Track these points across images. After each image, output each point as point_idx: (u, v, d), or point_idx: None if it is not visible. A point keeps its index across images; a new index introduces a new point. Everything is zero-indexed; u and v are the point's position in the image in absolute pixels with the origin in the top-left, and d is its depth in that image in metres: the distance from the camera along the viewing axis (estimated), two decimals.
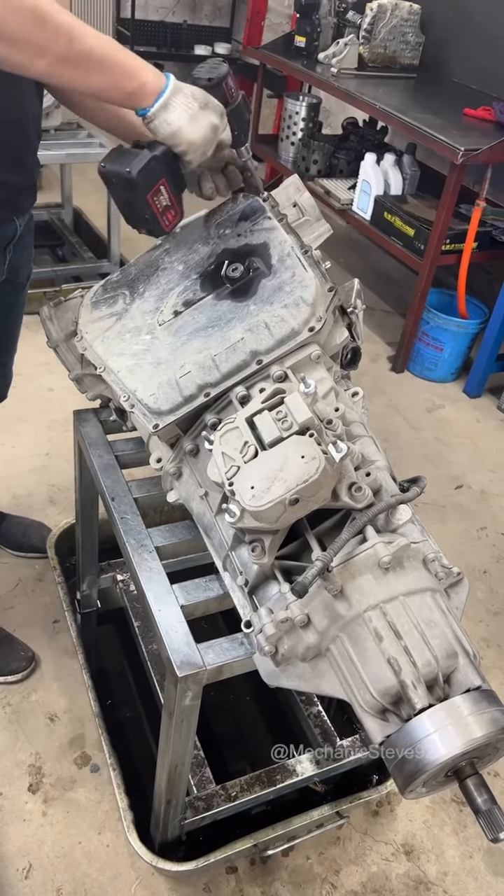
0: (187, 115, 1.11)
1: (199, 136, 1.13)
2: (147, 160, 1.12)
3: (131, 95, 1.10)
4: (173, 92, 1.10)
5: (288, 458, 0.96)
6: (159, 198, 1.15)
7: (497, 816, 0.85)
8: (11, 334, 1.71)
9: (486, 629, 2.14)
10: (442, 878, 1.56)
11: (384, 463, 1.12)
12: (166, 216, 1.17)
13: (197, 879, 1.48)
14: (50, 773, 1.61)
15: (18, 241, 1.46)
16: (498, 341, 3.10)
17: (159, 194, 1.14)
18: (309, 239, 1.40)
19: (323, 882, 1.52)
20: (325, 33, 3.87)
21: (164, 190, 1.14)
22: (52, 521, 2.16)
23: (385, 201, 3.36)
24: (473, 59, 3.65)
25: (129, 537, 1.27)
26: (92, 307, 1.36)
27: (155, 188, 1.14)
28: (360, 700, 0.92)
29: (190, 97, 1.12)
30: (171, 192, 1.16)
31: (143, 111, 1.11)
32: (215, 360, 1.14)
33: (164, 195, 1.15)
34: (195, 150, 1.14)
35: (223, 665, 1.09)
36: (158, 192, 1.14)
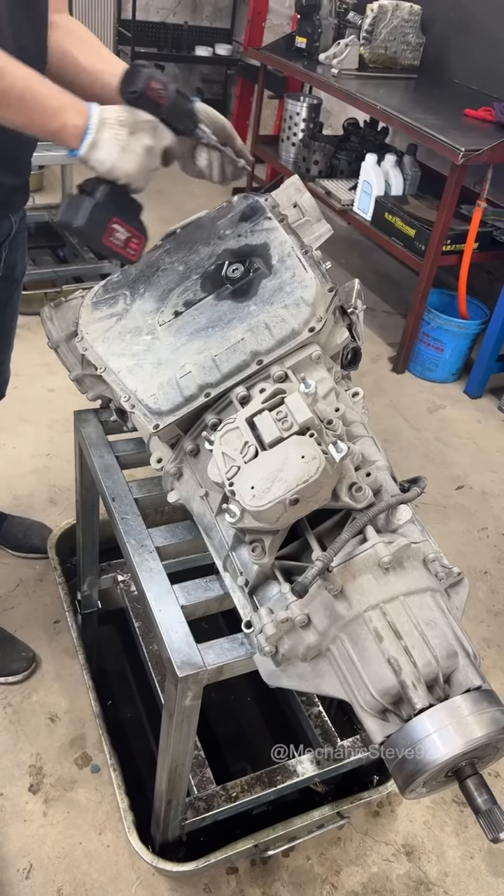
0: (118, 149, 1.09)
1: (135, 166, 1.12)
2: (90, 210, 1.11)
3: (55, 135, 1.10)
4: (98, 128, 1.08)
5: (288, 458, 0.96)
6: (115, 235, 1.14)
7: (497, 816, 0.85)
8: (8, 331, 1.72)
9: (486, 629, 2.14)
10: (443, 878, 1.55)
11: (384, 463, 1.12)
12: (129, 247, 1.16)
13: (197, 880, 1.48)
14: (50, 773, 1.61)
15: (14, 237, 1.47)
16: (499, 342, 3.10)
17: (115, 233, 1.13)
18: (309, 239, 1.40)
19: (323, 882, 1.52)
20: (325, 34, 3.87)
21: (118, 227, 1.13)
22: (52, 521, 2.16)
23: (386, 202, 3.36)
24: (474, 60, 3.65)
25: (129, 538, 1.27)
26: (92, 308, 1.36)
27: (108, 230, 1.13)
28: (360, 700, 0.92)
29: (117, 126, 1.09)
30: (127, 225, 1.15)
31: (73, 153, 1.11)
32: (216, 361, 1.14)
33: (119, 231, 1.14)
34: (136, 179, 1.13)
35: (223, 665, 1.09)
36: (113, 232, 1.13)
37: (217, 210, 1.41)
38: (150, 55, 5.63)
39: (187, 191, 4.96)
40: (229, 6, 5.97)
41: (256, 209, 1.33)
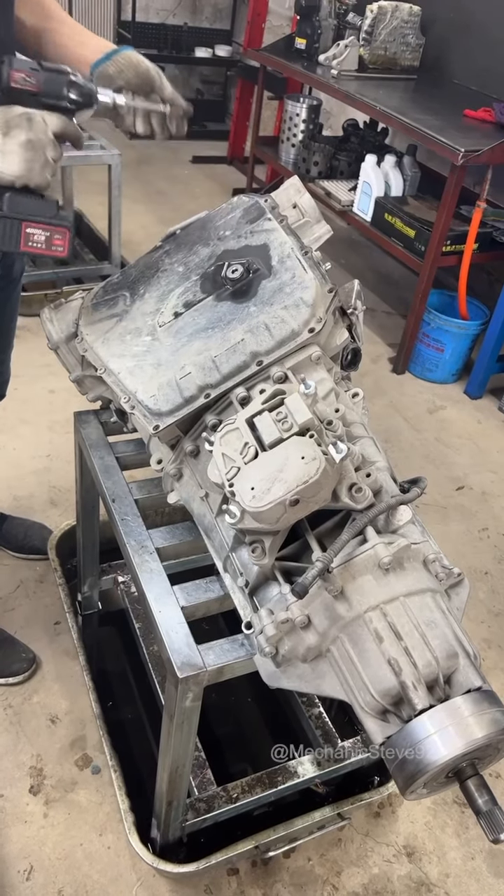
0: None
1: (20, 166, 1.04)
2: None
3: None
4: None
5: (288, 458, 0.96)
6: (34, 239, 1.08)
7: (498, 817, 0.85)
8: (7, 331, 1.72)
9: (487, 630, 2.14)
10: (444, 879, 1.55)
11: (384, 464, 1.12)
12: (53, 244, 1.10)
13: (198, 881, 1.48)
14: (51, 774, 1.61)
15: None
16: (499, 342, 3.10)
17: (32, 237, 1.08)
18: (309, 240, 1.40)
19: (324, 884, 1.52)
20: (325, 35, 3.88)
21: (33, 230, 1.08)
22: (53, 522, 2.16)
23: (386, 202, 3.36)
24: (474, 61, 3.65)
25: (129, 539, 1.27)
26: (92, 309, 1.36)
27: (23, 238, 1.08)
28: (360, 701, 0.92)
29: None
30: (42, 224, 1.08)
31: None
32: (215, 362, 1.14)
33: (36, 233, 1.08)
34: (28, 178, 1.06)
35: (224, 666, 1.09)
36: (30, 237, 1.08)
37: (217, 211, 1.41)
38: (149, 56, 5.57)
39: (187, 191, 4.97)
40: (229, 7, 5.98)
41: (256, 210, 1.34)
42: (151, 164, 5.35)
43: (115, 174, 3.15)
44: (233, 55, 5.84)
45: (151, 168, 5.27)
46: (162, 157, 5.52)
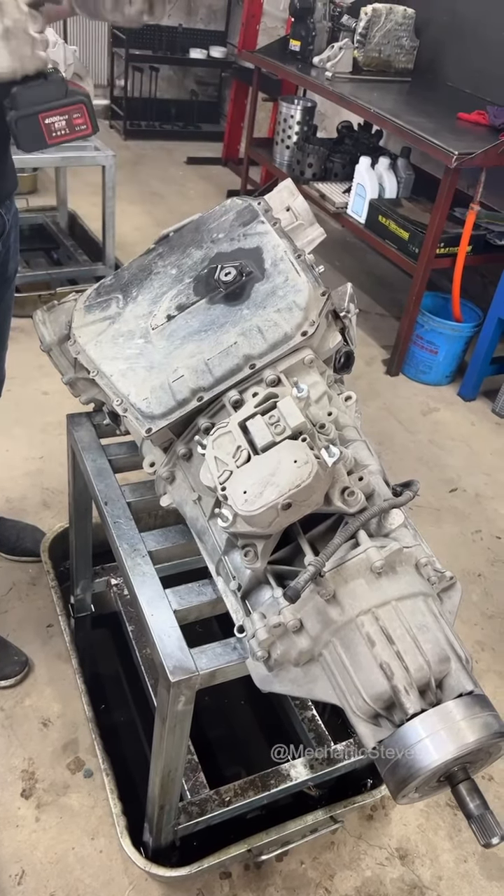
0: None
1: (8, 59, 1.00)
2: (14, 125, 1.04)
3: None
4: None
5: (280, 462, 0.96)
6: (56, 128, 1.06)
7: (489, 822, 0.85)
8: (2, 332, 1.71)
9: (480, 632, 2.14)
10: (436, 882, 1.55)
11: (377, 467, 1.12)
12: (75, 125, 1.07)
13: (191, 884, 1.47)
14: (43, 778, 1.61)
15: (6, 235, 1.46)
16: (493, 344, 3.11)
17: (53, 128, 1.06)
18: (302, 243, 1.39)
19: (317, 887, 1.51)
20: (319, 37, 3.88)
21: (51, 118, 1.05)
22: (46, 524, 2.15)
23: (380, 205, 3.37)
24: (468, 63, 3.66)
25: (122, 542, 1.27)
26: (85, 311, 1.36)
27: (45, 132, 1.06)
28: (352, 705, 0.92)
29: None
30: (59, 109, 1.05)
31: None
32: (208, 365, 1.14)
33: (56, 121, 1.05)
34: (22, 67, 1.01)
35: (216, 670, 1.08)
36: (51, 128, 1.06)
37: (210, 213, 1.41)
38: (144, 57, 5.63)
39: (182, 192, 4.97)
40: (224, 9, 5.99)
41: (249, 213, 1.34)
42: (146, 165, 5.35)
43: (109, 175, 3.14)
44: (227, 56, 5.84)
45: (146, 169, 5.27)
46: (156, 158, 5.52)
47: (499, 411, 3.21)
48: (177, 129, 6.06)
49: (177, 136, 6.00)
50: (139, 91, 5.82)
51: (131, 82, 5.69)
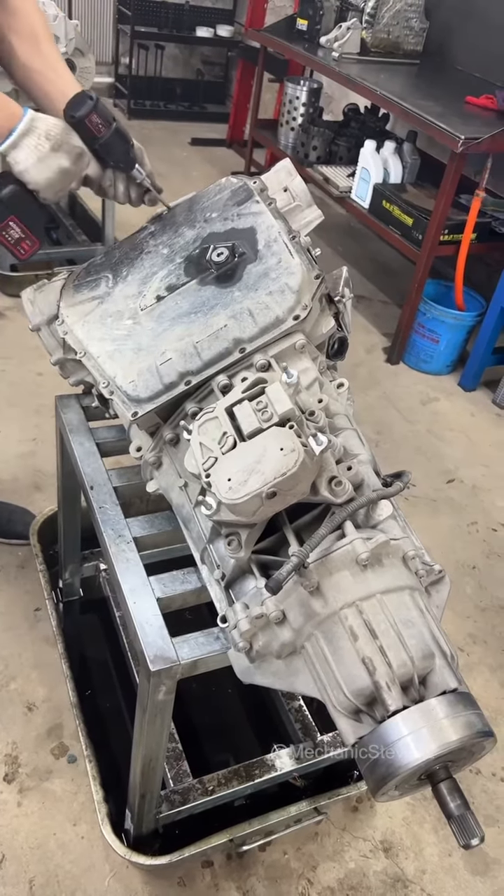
0: (35, 158, 1.16)
1: (45, 179, 1.18)
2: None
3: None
4: (24, 132, 1.15)
5: (266, 450, 0.93)
6: (9, 232, 1.20)
7: (469, 822, 0.83)
8: None
9: (473, 625, 2.12)
10: (420, 875, 1.54)
11: (367, 456, 1.09)
12: (20, 246, 1.22)
13: (172, 873, 1.46)
14: (26, 762, 1.59)
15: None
16: (495, 334, 3.07)
17: (8, 229, 1.20)
18: (299, 225, 1.36)
19: (299, 878, 1.50)
20: (327, 17, 3.81)
21: (14, 225, 1.19)
22: (36, 507, 2.13)
23: (384, 189, 3.31)
24: (477, 47, 3.59)
25: (106, 527, 1.24)
26: (74, 290, 1.32)
27: (3, 224, 1.19)
28: (333, 700, 0.90)
29: (42, 138, 1.16)
30: (23, 226, 1.20)
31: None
32: (197, 348, 1.11)
33: (14, 230, 1.20)
34: (44, 189, 1.20)
35: (198, 660, 1.06)
36: (7, 228, 1.19)
37: (204, 192, 1.37)
38: (150, 35, 5.54)
39: (185, 174, 4.91)
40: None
41: (244, 192, 1.30)
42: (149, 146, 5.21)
43: None
44: (234, 35, 5.75)
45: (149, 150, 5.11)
46: (160, 139, 5.45)
47: (499, 402, 3.18)
48: (182, 110, 5.98)
49: (181, 117, 5.92)
50: (144, 70, 5.73)
51: (136, 60, 5.60)
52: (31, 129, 1.15)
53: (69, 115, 1.20)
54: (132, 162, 1.30)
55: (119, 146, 1.27)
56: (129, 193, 1.35)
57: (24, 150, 1.15)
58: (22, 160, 1.16)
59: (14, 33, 1.28)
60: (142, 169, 1.32)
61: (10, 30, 1.28)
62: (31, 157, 1.15)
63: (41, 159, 1.16)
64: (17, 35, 1.28)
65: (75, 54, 3.20)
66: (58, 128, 1.17)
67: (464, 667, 1.98)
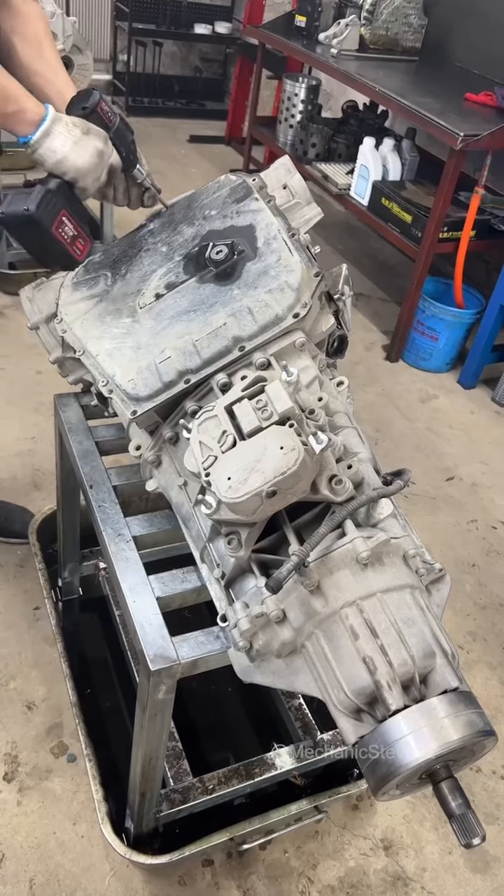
0: (71, 142, 1.15)
1: (86, 163, 1.16)
2: (42, 194, 1.14)
3: (10, 118, 1.14)
4: (53, 120, 1.14)
5: (266, 448, 0.92)
6: (64, 229, 1.16)
7: (471, 821, 0.83)
8: None
9: (473, 623, 2.12)
10: (420, 874, 1.54)
11: (367, 455, 1.09)
12: (76, 246, 1.19)
13: (172, 872, 1.46)
14: (26, 762, 1.59)
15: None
16: (494, 331, 3.07)
17: (63, 225, 1.16)
18: (298, 222, 1.36)
19: (300, 876, 1.50)
20: (326, 13, 3.80)
21: (67, 220, 1.16)
22: (35, 506, 2.13)
23: (383, 187, 3.31)
24: (476, 44, 3.58)
25: (106, 526, 1.24)
26: (72, 288, 1.32)
27: (57, 220, 1.15)
28: (334, 699, 0.90)
29: (70, 125, 1.16)
30: (75, 222, 1.18)
31: (26, 139, 1.14)
32: (196, 346, 1.11)
33: (68, 226, 1.16)
34: (84, 176, 1.18)
35: (198, 659, 1.06)
36: (62, 224, 1.16)
37: (203, 189, 1.37)
38: (147, 31, 5.52)
39: (183, 172, 4.90)
40: None
41: (243, 189, 1.29)
42: (147, 143, 5.26)
43: None
44: (233, 32, 5.73)
45: (147, 147, 5.14)
46: (158, 136, 5.43)
47: (498, 400, 3.17)
48: (180, 107, 5.97)
49: (180, 114, 5.91)
50: (142, 66, 5.71)
51: (134, 57, 5.59)
52: (58, 118, 1.15)
53: (80, 107, 1.20)
54: (135, 153, 1.29)
55: (127, 136, 1.27)
56: (128, 194, 1.35)
57: (59, 137, 1.14)
58: (59, 147, 1.14)
59: (18, 36, 1.28)
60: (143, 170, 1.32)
61: (14, 32, 1.28)
62: (67, 142, 1.14)
63: (77, 143, 1.15)
64: (22, 38, 1.28)
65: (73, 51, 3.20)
66: (77, 118, 1.17)
67: (464, 665, 1.98)
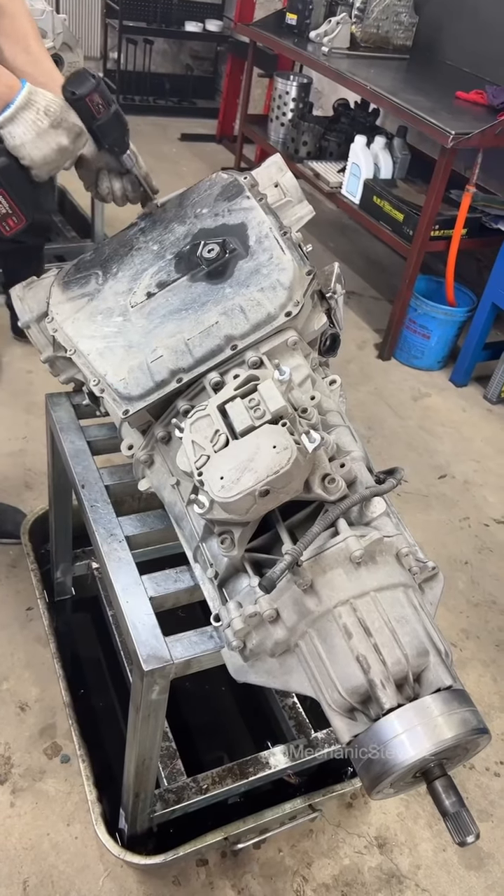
0: (33, 133, 1.13)
1: (41, 156, 1.15)
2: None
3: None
4: (22, 106, 1.11)
5: (259, 447, 0.92)
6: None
7: (465, 819, 0.83)
8: None
9: (466, 620, 2.13)
10: (414, 871, 1.54)
11: (360, 453, 1.09)
12: (6, 223, 1.18)
13: (166, 872, 1.46)
14: (19, 763, 1.58)
15: None
16: (486, 329, 3.07)
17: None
18: (290, 221, 1.35)
19: (294, 875, 1.50)
20: (317, 11, 3.79)
21: (2, 199, 1.15)
22: (27, 506, 2.12)
23: (374, 185, 3.31)
24: (467, 42, 3.59)
25: (98, 526, 1.24)
26: (63, 287, 1.31)
27: None
28: (327, 698, 0.90)
29: (42, 113, 1.13)
30: (12, 201, 1.16)
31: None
32: (188, 345, 1.10)
33: (2, 204, 1.16)
34: (38, 167, 1.16)
35: (191, 659, 1.06)
36: None
37: (194, 187, 1.36)
38: (138, 29, 5.50)
39: (175, 170, 4.89)
40: None
41: (235, 188, 1.29)
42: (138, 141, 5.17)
43: None
44: (223, 30, 5.72)
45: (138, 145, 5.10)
46: (150, 134, 5.42)
47: (490, 398, 3.18)
48: (171, 105, 5.95)
49: (171, 112, 5.89)
50: (133, 65, 5.69)
51: (125, 55, 5.56)
52: (30, 103, 1.12)
53: (69, 92, 1.17)
54: (126, 146, 1.29)
55: (117, 129, 1.25)
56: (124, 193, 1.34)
57: (22, 125, 1.12)
58: (19, 135, 1.12)
59: (3, 35, 1.26)
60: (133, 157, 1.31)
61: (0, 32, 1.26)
62: (28, 132, 1.12)
63: (39, 135, 1.13)
64: (5, 36, 1.26)
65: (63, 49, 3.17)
66: (56, 104, 1.14)
67: (457, 662, 1.99)
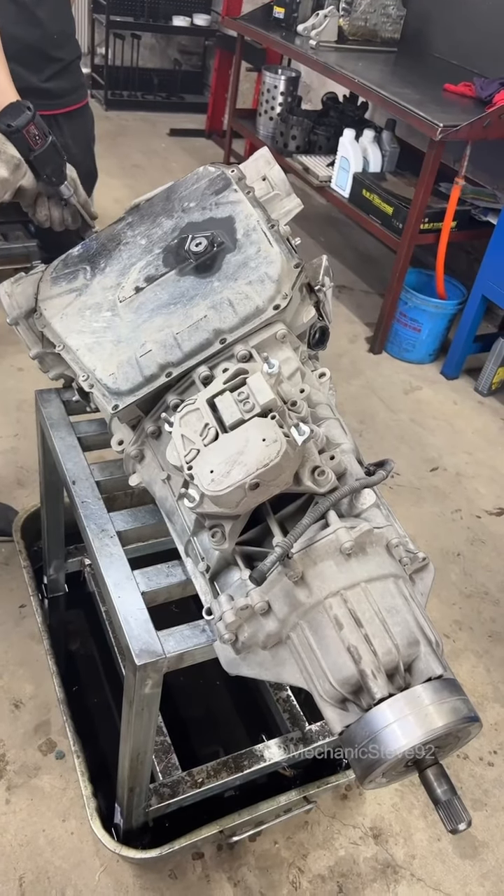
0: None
1: None
2: None
3: None
4: None
5: (249, 441, 0.92)
6: None
7: (456, 807, 0.83)
8: None
9: (458, 612, 2.14)
10: (409, 861, 1.55)
11: (350, 446, 1.09)
12: None
13: (162, 865, 1.46)
14: (14, 760, 1.59)
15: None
16: (476, 322, 3.08)
17: None
18: (278, 214, 1.35)
19: (290, 867, 1.51)
20: (304, 4, 3.79)
21: None
22: (19, 503, 2.11)
23: (364, 179, 3.31)
24: (455, 34, 3.58)
25: (89, 522, 1.23)
26: (51, 283, 1.31)
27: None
28: (319, 689, 0.90)
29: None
30: None
31: None
32: (177, 339, 1.10)
33: None
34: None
35: (184, 653, 1.06)
36: None
37: (182, 181, 1.36)
38: (125, 24, 5.47)
39: (164, 165, 4.87)
40: None
41: (222, 181, 1.29)
42: (127, 137, 5.22)
43: None
44: (211, 24, 5.70)
45: (127, 140, 5.14)
46: (138, 130, 5.40)
47: (481, 390, 3.19)
48: (159, 100, 5.93)
49: (159, 107, 5.87)
50: (121, 60, 5.66)
51: (112, 50, 5.54)
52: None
53: (5, 125, 1.19)
54: (64, 176, 1.31)
55: (54, 159, 1.27)
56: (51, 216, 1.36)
57: None
58: None
59: None
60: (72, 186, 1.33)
61: None
62: None
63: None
64: None
65: None
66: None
67: (450, 653, 2.00)
